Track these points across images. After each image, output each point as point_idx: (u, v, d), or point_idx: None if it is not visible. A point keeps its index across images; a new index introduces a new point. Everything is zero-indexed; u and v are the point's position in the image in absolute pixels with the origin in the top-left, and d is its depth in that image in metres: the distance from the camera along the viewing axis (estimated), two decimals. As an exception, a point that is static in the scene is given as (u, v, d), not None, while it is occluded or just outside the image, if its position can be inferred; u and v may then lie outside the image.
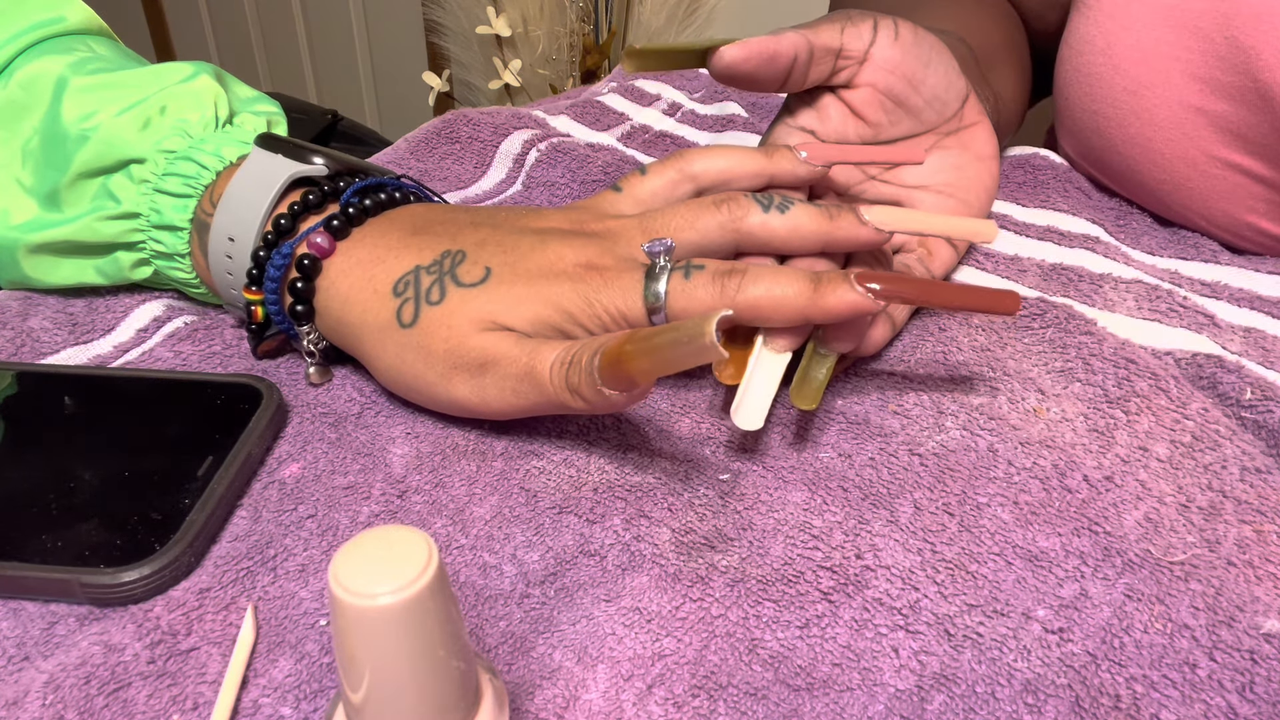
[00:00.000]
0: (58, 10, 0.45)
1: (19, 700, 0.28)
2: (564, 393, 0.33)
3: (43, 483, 0.34)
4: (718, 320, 0.29)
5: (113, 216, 0.40)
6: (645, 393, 0.33)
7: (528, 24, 1.42)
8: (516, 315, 0.35)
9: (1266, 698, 0.29)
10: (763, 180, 0.40)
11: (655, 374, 0.31)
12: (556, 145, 0.55)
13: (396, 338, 0.36)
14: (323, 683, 0.29)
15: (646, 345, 0.30)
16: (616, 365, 0.31)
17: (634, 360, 0.31)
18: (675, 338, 0.30)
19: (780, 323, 0.35)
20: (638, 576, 0.32)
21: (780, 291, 0.34)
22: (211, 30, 1.99)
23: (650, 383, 0.32)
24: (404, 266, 0.37)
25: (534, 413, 0.35)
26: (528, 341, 0.35)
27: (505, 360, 0.35)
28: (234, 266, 0.39)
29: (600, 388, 0.32)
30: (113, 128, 0.40)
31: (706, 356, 0.29)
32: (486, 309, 0.36)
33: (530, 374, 0.34)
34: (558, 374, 0.33)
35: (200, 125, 0.41)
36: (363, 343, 0.37)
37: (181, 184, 0.40)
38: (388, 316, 0.36)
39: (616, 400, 0.32)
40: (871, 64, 0.42)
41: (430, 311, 0.36)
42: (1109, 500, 0.35)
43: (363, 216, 0.39)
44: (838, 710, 0.29)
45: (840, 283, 0.34)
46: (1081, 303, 0.44)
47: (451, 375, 0.35)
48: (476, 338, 0.35)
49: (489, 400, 0.35)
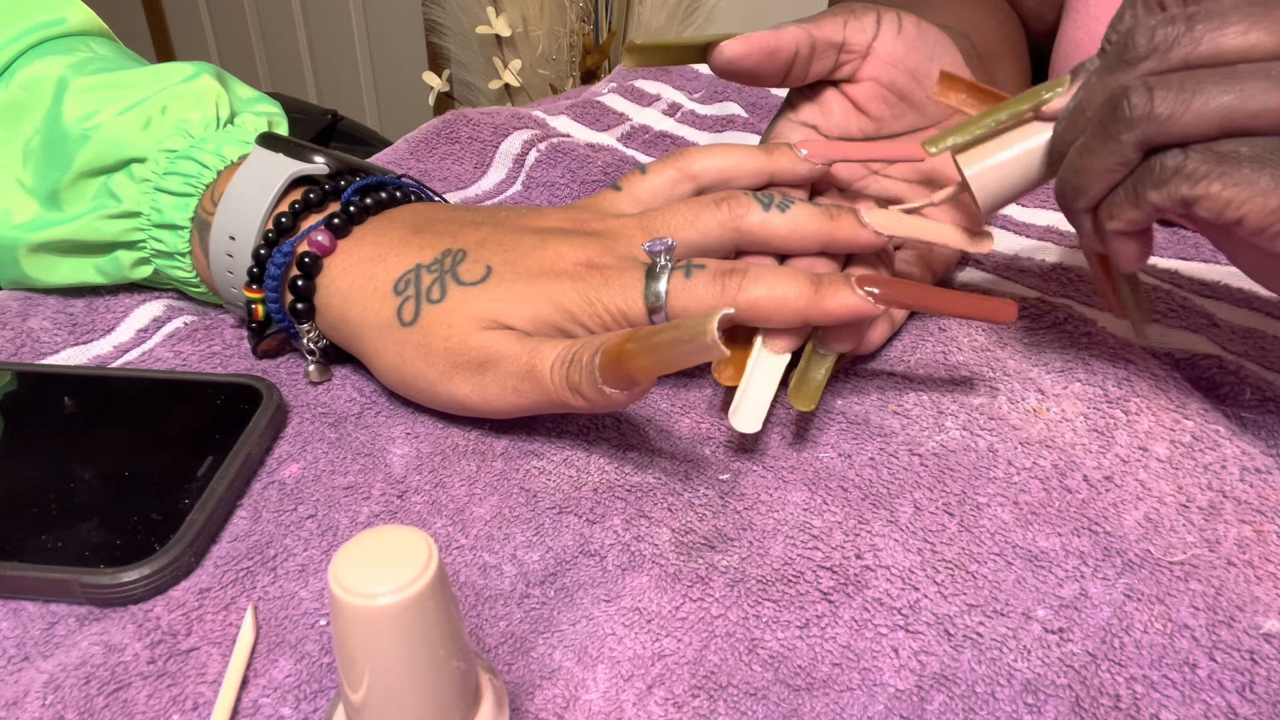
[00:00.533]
0: (58, 12, 0.45)
1: (19, 700, 0.28)
2: (565, 391, 0.33)
3: (43, 483, 0.34)
4: (719, 319, 0.29)
5: (113, 215, 0.40)
6: (646, 391, 0.33)
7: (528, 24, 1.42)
8: (517, 314, 0.35)
9: (1266, 698, 0.29)
10: (763, 178, 0.40)
11: (656, 372, 0.31)
12: (556, 145, 0.55)
13: (397, 336, 0.36)
14: (323, 683, 0.29)
15: (647, 344, 0.30)
16: (617, 364, 0.31)
17: (635, 359, 0.31)
18: (676, 336, 0.30)
19: (780, 323, 0.35)
20: (638, 576, 0.32)
21: (781, 292, 0.35)
22: (211, 30, 2.00)
23: (651, 381, 0.32)
24: (405, 265, 0.37)
25: (535, 411, 0.35)
26: (528, 340, 0.35)
27: (506, 359, 0.35)
28: (235, 265, 0.39)
29: (601, 386, 0.32)
30: (114, 127, 0.40)
31: (708, 355, 0.29)
32: (487, 307, 0.36)
33: (531, 372, 0.34)
34: (559, 372, 0.33)
35: (202, 125, 0.41)
36: (363, 341, 0.37)
37: (182, 183, 0.40)
38: (388, 315, 0.36)
39: (617, 399, 0.32)
40: (874, 58, 0.42)
41: (431, 310, 0.36)
42: (1109, 500, 0.35)
43: (364, 215, 0.39)
44: (838, 710, 0.29)
45: (841, 285, 0.34)
46: (1081, 303, 0.44)
47: (452, 374, 0.35)
48: (477, 336, 0.35)
49: (490, 399, 0.35)
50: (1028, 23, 0.61)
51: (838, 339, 0.37)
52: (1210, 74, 0.29)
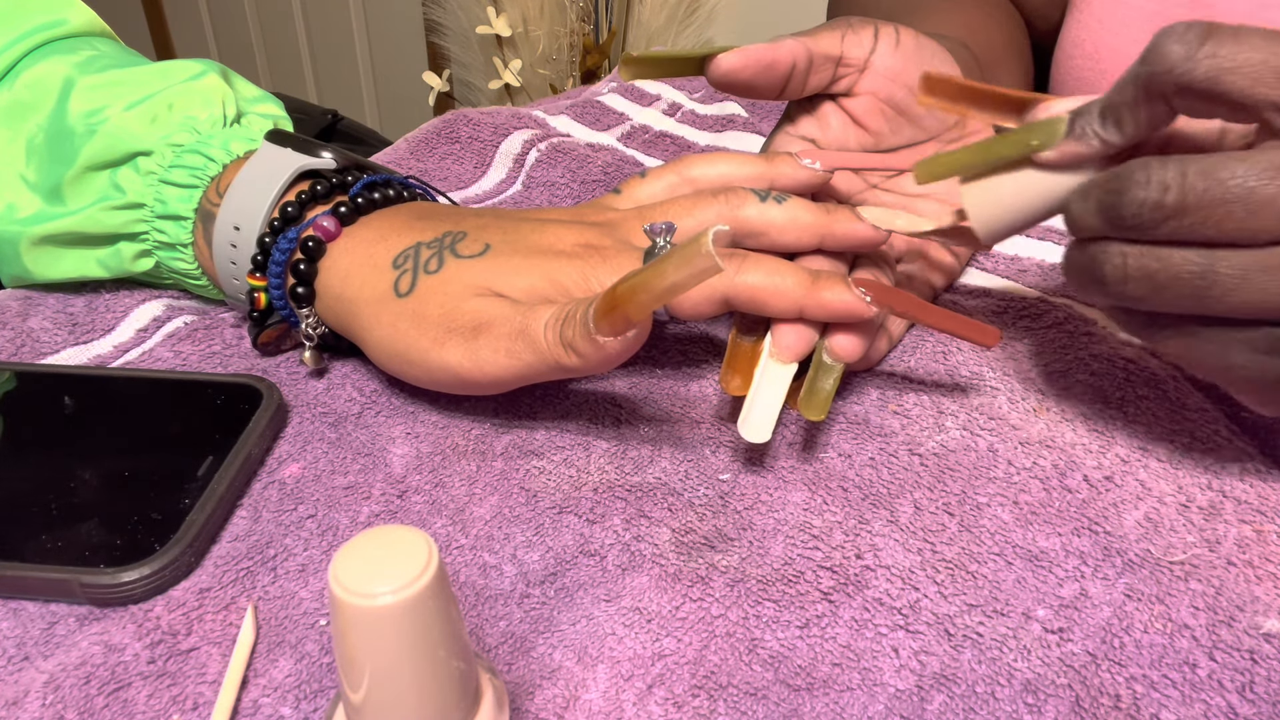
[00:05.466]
0: (60, 13, 0.46)
1: (19, 700, 0.28)
2: (558, 349, 0.33)
3: (43, 483, 0.34)
4: (714, 234, 0.27)
5: (117, 207, 0.41)
6: (641, 339, 0.32)
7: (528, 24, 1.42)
8: (512, 284, 0.36)
9: (1266, 698, 0.29)
10: (763, 185, 0.41)
11: (652, 305, 0.30)
12: (556, 145, 0.55)
13: (392, 307, 0.36)
14: (323, 683, 0.29)
15: (642, 277, 0.29)
16: (612, 307, 0.31)
17: (631, 296, 0.30)
18: (673, 258, 0.28)
19: (776, 312, 0.35)
20: (638, 576, 0.32)
21: (779, 280, 0.35)
22: (211, 30, 2.00)
23: (646, 326, 0.32)
24: (405, 243, 0.38)
25: (528, 378, 0.35)
26: (522, 305, 0.35)
27: (499, 320, 0.34)
28: (238, 255, 0.39)
29: (595, 336, 0.32)
30: (121, 122, 0.41)
31: (704, 273, 0.28)
32: (483, 277, 0.36)
33: (524, 332, 0.34)
34: (552, 330, 0.33)
35: (208, 123, 0.42)
36: (359, 316, 0.37)
37: (188, 175, 0.40)
38: (385, 288, 0.37)
39: (611, 348, 0.32)
40: (872, 72, 0.42)
41: (427, 280, 0.36)
42: (1109, 500, 0.35)
43: (370, 208, 0.40)
44: (838, 710, 0.29)
45: (837, 282, 0.35)
46: (1081, 303, 0.44)
47: (445, 339, 0.35)
48: (471, 301, 0.35)
49: (482, 363, 0.35)
50: (1032, 22, 0.61)
51: (843, 347, 0.36)
52: (1186, 263, 0.29)
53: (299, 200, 0.39)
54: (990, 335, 0.37)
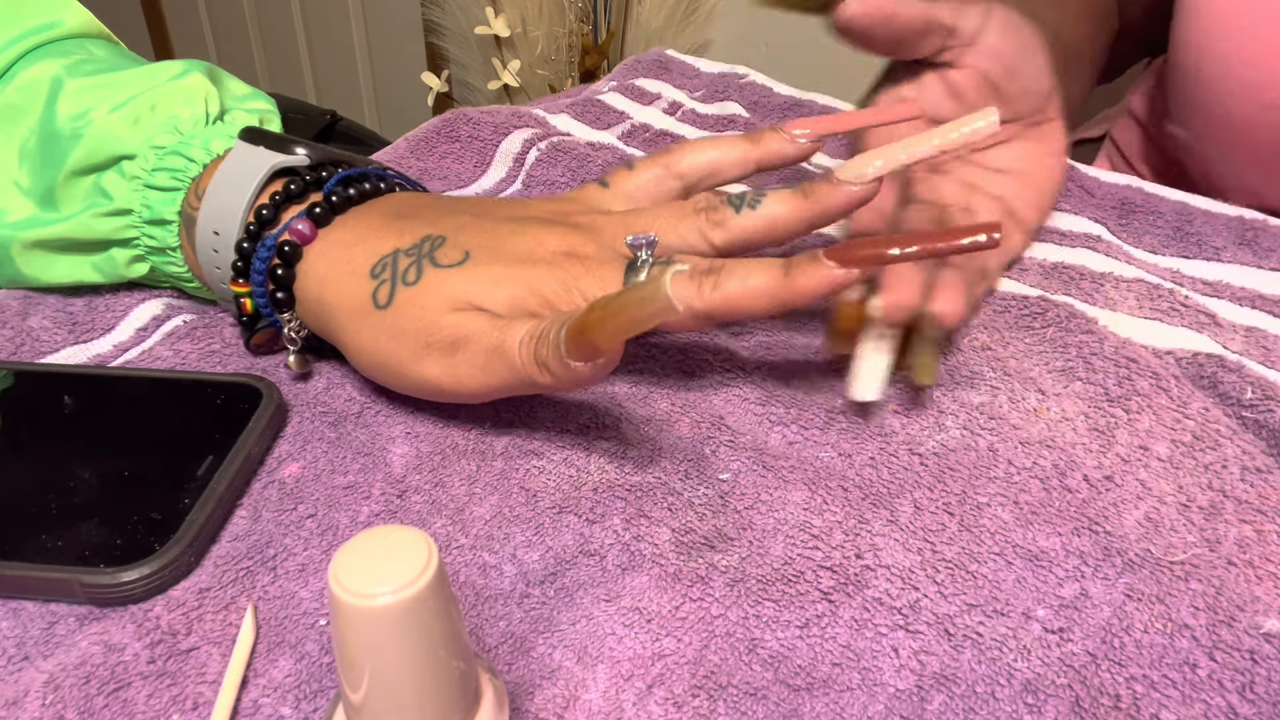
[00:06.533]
0: (56, 15, 0.45)
1: (19, 700, 0.28)
2: (532, 367, 0.33)
3: (43, 483, 0.34)
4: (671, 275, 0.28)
5: (106, 213, 0.41)
6: (610, 365, 0.32)
7: (526, 24, 1.42)
8: (492, 296, 0.35)
9: (1266, 698, 0.29)
10: (750, 167, 0.40)
11: (617, 337, 0.30)
12: (556, 144, 0.55)
13: (371, 320, 0.36)
14: (323, 683, 0.29)
15: (607, 309, 0.30)
16: (580, 334, 0.31)
17: (597, 326, 0.30)
18: (635, 296, 0.29)
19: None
20: (638, 576, 0.32)
21: (753, 282, 0.34)
22: (211, 30, 2.00)
23: (616, 354, 0.32)
24: (383, 249, 0.37)
25: (506, 392, 0.35)
26: (499, 319, 0.35)
27: (477, 336, 0.34)
28: (220, 260, 0.39)
29: (566, 360, 0.32)
30: (105, 125, 0.40)
31: (665, 314, 0.28)
32: (461, 289, 0.35)
33: (500, 349, 0.34)
34: (526, 348, 0.33)
35: (191, 121, 0.41)
36: (339, 325, 0.37)
37: (170, 178, 0.40)
38: (363, 299, 0.36)
39: (582, 372, 0.32)
40: (978, 48, 0.43)
41: (405, 292, 0.36)
42: (1109, 500, 0.35)
43: (346, 205, 0.39)
44: (838, 710, 0.29)
45: (808, 263, 0.34)
46: (1083, 301, 0.44)
47: (423, 355, 0.35)
48: (450, 316, 0.35)
49: (461, 378, 0.35)
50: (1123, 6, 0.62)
51: (945, 312, 0.37)
52: None
53: (273, 202, 0.38)
54: (990, 228, 0.33)
